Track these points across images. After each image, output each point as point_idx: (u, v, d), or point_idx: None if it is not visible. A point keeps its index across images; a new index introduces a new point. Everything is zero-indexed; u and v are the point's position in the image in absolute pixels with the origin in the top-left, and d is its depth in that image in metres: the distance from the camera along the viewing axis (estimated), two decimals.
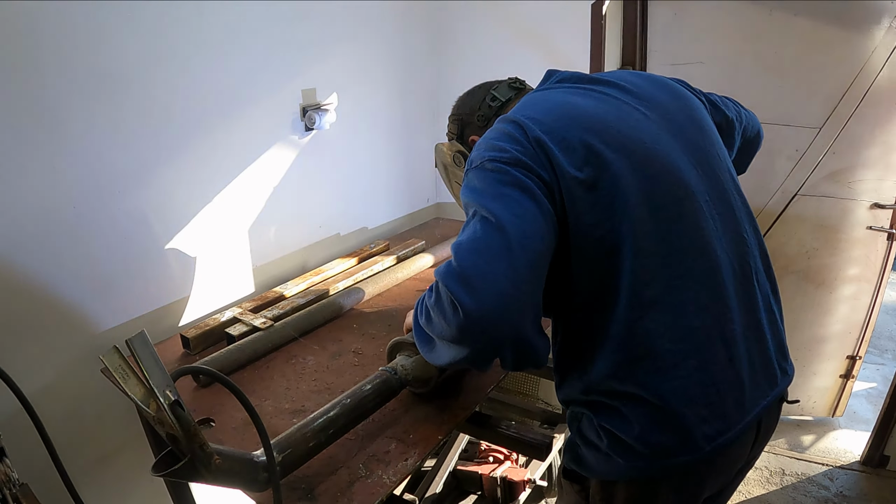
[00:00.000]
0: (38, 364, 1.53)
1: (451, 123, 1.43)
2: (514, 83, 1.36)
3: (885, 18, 2.13)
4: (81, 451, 1.67)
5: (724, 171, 1.14)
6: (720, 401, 1.00)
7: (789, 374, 1.14)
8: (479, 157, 1.02)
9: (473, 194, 0.98)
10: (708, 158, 1.12)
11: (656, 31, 2.42)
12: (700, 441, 0.99)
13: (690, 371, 0.99)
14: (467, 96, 1.40)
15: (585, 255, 1.00)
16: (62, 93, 1.43)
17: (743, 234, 1.11)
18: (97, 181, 1.55)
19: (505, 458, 2.24)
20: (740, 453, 1.09)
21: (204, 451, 0.90)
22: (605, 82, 1.15)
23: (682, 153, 1.07)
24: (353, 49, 2.26)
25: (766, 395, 1.07)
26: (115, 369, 0.82)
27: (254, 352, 1.60)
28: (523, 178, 0.96)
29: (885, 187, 2.40)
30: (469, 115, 1.37)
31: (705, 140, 1.14)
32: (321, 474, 1.17)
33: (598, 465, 1.06)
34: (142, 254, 1.71)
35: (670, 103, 1.15)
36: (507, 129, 1.04)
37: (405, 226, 2.79)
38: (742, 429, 1.02)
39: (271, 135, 2.01)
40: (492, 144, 1.02)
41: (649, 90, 1.15)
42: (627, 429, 1.00)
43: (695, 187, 1.05)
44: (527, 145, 0.99)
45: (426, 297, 1.04)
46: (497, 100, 1.32)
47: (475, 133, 1.35)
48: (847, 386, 2.80)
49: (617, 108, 1.08)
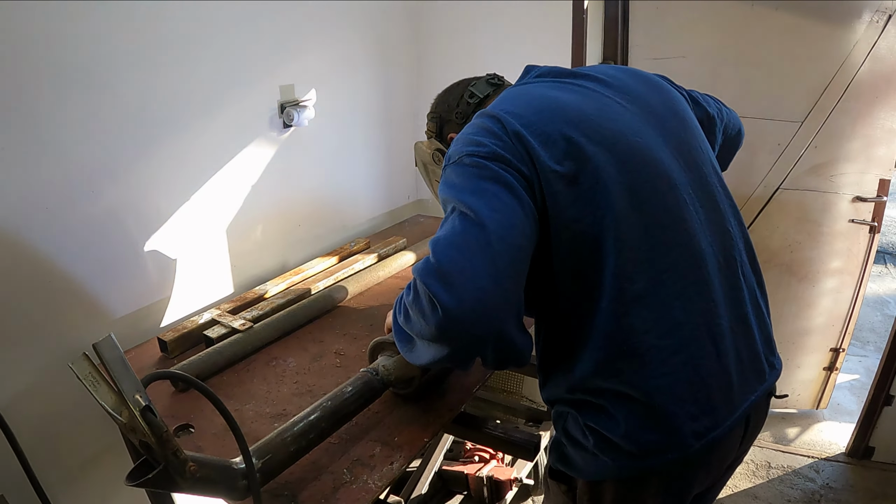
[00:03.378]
0: (11, 371, 1.47)
1: (430, 121, 1.42)
2: (492, 79, 1.35)
3: (867, 13, 2.14)
4: (60, 459, 1.62)
5: (707, 164, 1.13)
6: (708, 397, 0.99)
7: (777, 368, 1.14)
8: (457, 153, 1.01)
9: (452, 190, 0.97)
10: (690, 150, 1.11)
11: (638, 25, 2.42)
12: (688, 438, 0.97)
13: (677, 367, 0.97)
14: (445, 94, 1.40)
15: (567, 250, 0.99)
16: (32, 90, 1.38)
17: (727, 227, 1.10)
18: (70, 181, 1.50)
19: (491, 457, 2.22)
20: (729, 449, 1.08)
21: (178, 458, 0.87)
22: (585, 76, 1.14)
23: (663, 146, 1.06)
24: (331, 45, 2.23)
25: (754, 391, 1.06)
26: (85, 377, 0.79)
27: (233, 354, 1.56)
28: (502, 172, 0.95)
29: (867, 180, 2.42)
30: (447, 113, 1.36)
31: (687, 132, 1.14)
32: (305, 480, 1.15)
33: (584, 464, 1.05)
34: (118, 255, 1.66)
35: (651, 96, 1.14)
36: (484, 123, 1.03)
37: (386, 223, 2.76)
38: (731, 425, 1.01)
39: (249, 132, 1.97)
40: (469, 139, 1.01)
41: (629, 83, 1.14)
42: (614, 427, 0.99)
43: (678, 179, 1.04)
44: (505, 139, 0.98)
45: (404, 295, 1.02)
46: (475, 96, 1.31)
47: (454, 130, 1.34)
48: (831, 378, 2.83)
49: (597, 101, 1.07)
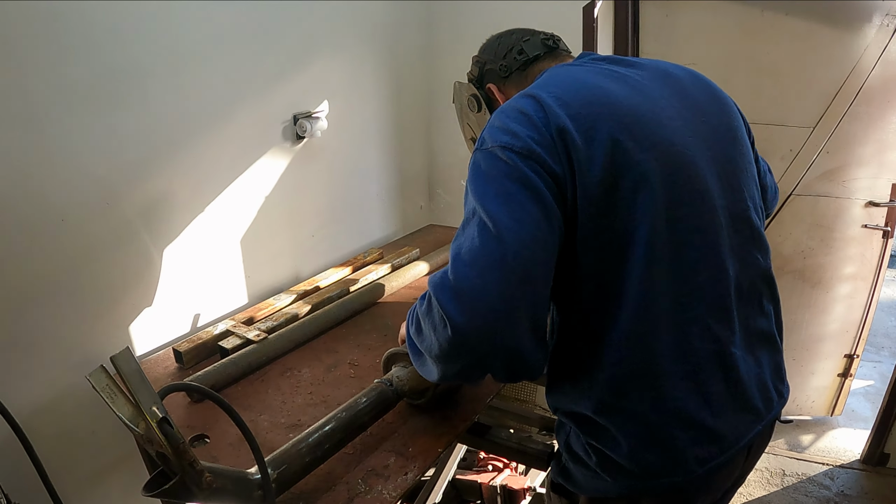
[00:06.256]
0: (27, 381, 1.49)
1: (473, 65, 1.32)
2: (547, 39, 1.24)
3: (877, 16, 2.14)
4: (75, 468, 1.63)
5: (749, 187, 1.07)
6: (715, 425, 0.97)
7: (784, 397, 1.11)
8: (491, 139, 0.94)
9: (476, 188, 0.92)
10: (735, 172, 1.04)
11: (648, 32, 2.42)
12: (692, 463, 0.96)
13: (687, 393, 0.95)
14: (495, 41, 1.29)
15: (594, 256, 0.94)
16: (50, 104, 1.40)
17: (756, 255, 1.06)
18: (85, 192, 1.52)
19: (504, 466, 2.21)
20: (730, 474, 1.07)
21: (194, 468, 0.88)
22: (644, 67, 1.07)
23: (709, 162, 0.99)
24: (343, 56, 2.25)
25: (761, 420, 1.04)
26: (102, 389, 0.80)
27: (248, 365, 1.57)
28: (532, 175, 0.89)
29: (879, 185, 2.41)
30: (492, 62, 1.26)
31: (735, 150, 1.07)
32: (319, 490, 1.15)
33: (585, 481, 1.04)
34: (132, 266, 1.68)
35: (708, 105, 1.07)
36: (525, 107, 0.95)
37: (399, 233, 2.77)
38: (734, 453, 1.00)
39: (263, 143, 1.99)
40: (506, 126, 0.94)
41: (689, 87, 1.07)
42: (616, 447, 0.97)
43: (717, 201, 0.98)
44: (544, 132, 0.91)
45: (418, 306, 1.00)
46: (524, 54, 1.22)
47: (494, 81, 1.27)
48: (845, 385, 2.80)
49: (652, 101, 0.99)
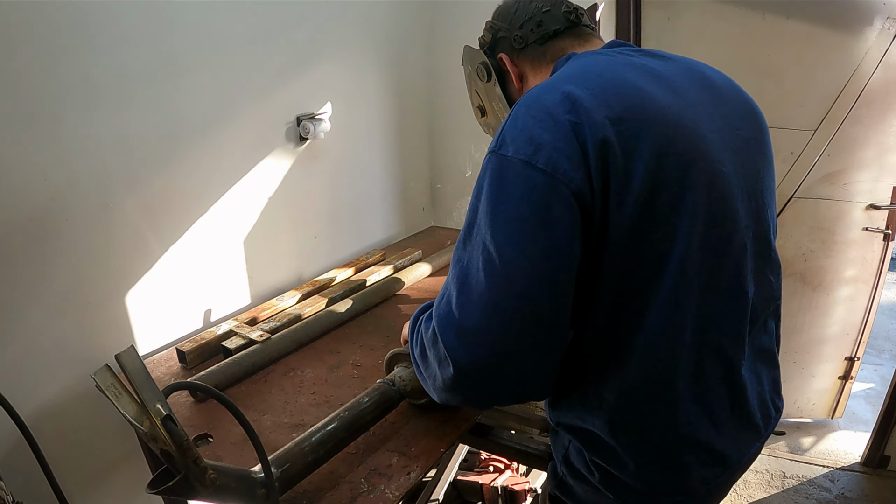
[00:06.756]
0: (34, 381, 1.50)
1: (486, 30, 1.21)
2: (569, 13, 1.11)
3: (878, 20, 2.14)
4: (78, 467, 1.64)
5: (772, 205, 1.05)
6: (721, 446, 0.98)
7: (780, 410, 1.12)
8: (513, 147, 0.84)
9: (489, 201, 0.85)
10: (763, 189, 1.01)
11: (650, 34, 2.42)
12: (696, 483, 0.97)
13: (698, 416, 0.95)
14: (513, 5, 1.16)
15: (620, 279, 0.88)
16: (54, 103, 1.41)
17: (769, 277, 1.05)
18: (88, 192, 1.53)
19: (506, 467, 2.22)
20: (727, 490, 1.10)
21: (198, 466, 0.89)
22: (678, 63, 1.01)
23: (740, 179, 0.94)
24: (346, 58, 2.26)
25: (760, 437, 1.06)
26: (107, 387, 0.81)
27: (251, 365, 1.58)
28: (552, 199, 0.81)
29: (880, 188, 2.41)
30: (507, 30, 1.15)
31: (764, 166, 1.03)
32: (322, 489, 1.16)
33: (586, 497, 1.05)
34: (135, 266, 1.69)
35: (742, 116, 1.01)
36: (555, 108, 0.84)
37: (401, 234, 2.78)
38: (734, 471, 1.03)
39: (266, 145, 2.00)
40: (530, 133, 0.84)
41: (725, 93, 1.02)
42: (623, 467, 0.96)
43: (743, 221, 0.94)
44: (574, 144, 0.81)
45: (423, 330, 0.97)
46: (544, 26, 1.10)
47: (507, 52, 1.16)
48: (846, 387, 2.81)
49: (692, 111, 0.91)
